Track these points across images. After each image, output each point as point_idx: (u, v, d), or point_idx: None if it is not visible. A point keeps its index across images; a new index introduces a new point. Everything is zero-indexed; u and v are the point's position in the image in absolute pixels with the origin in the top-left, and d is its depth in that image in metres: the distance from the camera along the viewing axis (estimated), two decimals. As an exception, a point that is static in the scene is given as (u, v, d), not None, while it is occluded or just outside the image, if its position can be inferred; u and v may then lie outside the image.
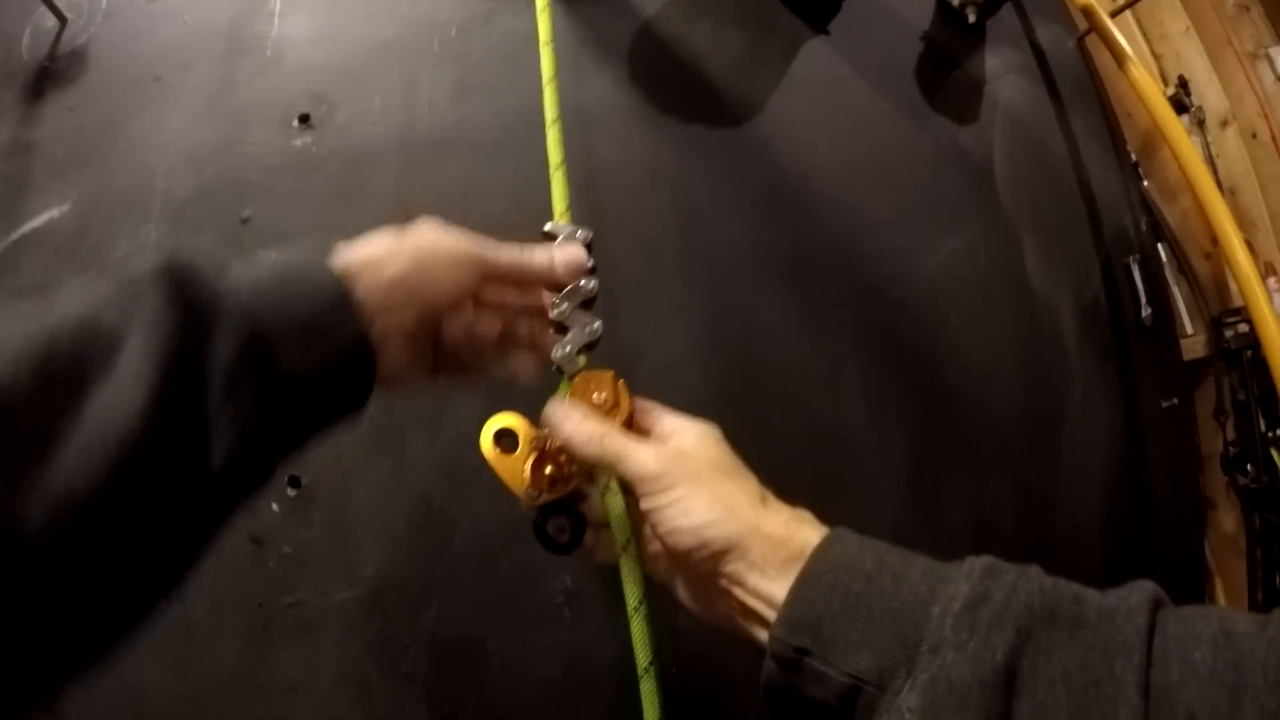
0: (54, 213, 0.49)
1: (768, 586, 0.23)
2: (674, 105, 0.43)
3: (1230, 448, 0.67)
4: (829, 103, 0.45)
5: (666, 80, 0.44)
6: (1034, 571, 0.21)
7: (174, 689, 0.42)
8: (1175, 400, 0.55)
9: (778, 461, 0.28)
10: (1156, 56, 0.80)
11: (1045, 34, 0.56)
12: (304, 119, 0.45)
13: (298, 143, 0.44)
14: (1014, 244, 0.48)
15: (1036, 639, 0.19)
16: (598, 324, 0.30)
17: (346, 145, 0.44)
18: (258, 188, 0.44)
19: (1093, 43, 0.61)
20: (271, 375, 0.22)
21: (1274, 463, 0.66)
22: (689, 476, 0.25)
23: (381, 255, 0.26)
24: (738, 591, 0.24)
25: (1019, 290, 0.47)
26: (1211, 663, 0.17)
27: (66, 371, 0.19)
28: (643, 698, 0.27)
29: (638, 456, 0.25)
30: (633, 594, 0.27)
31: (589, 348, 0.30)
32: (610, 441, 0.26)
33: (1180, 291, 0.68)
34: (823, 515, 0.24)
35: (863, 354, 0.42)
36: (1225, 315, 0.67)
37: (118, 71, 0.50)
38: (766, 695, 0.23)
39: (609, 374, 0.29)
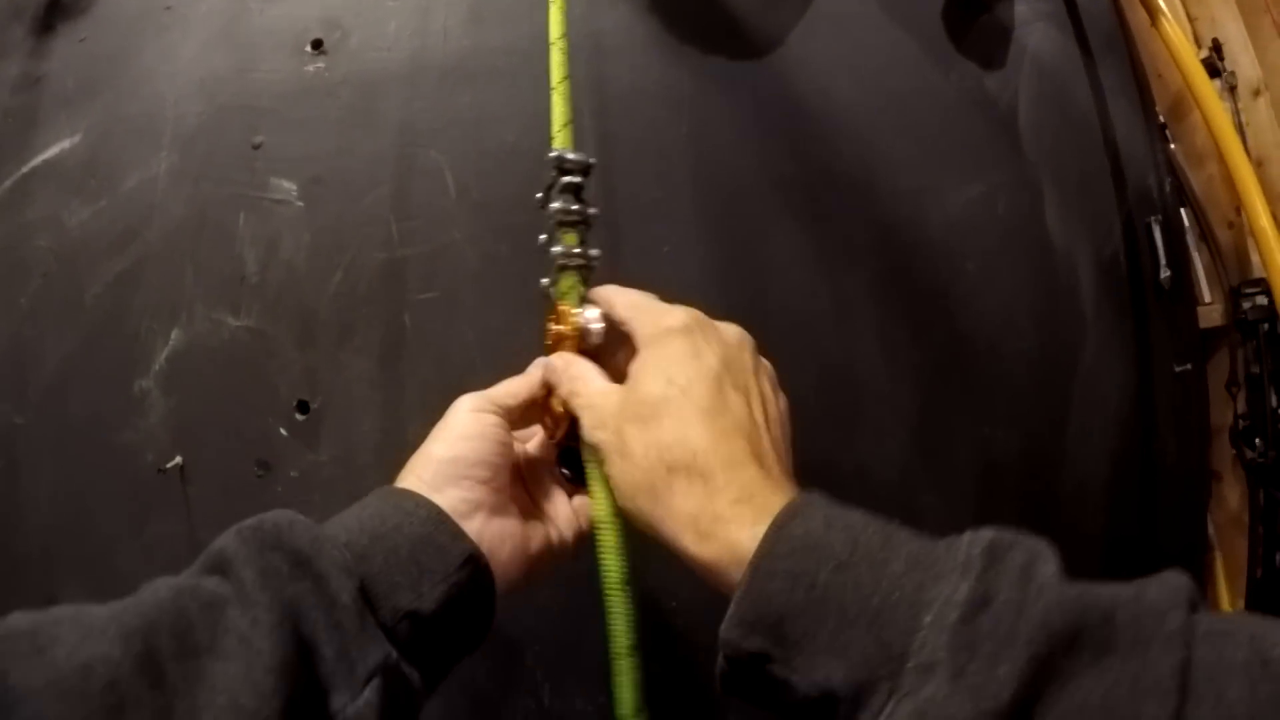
0: (65, 144, 0.49)
1: (708, 573, 0.21)
2: (694, 34, 0.42)
3: (1240, 420, 0.67)
4: (853, 39, 0.44)
5: (687, 8, 0.43)
6: (1046, 559, 0.17)
7: None
8: (1189, 366, 0.54)
9: (787, 397, 0.28)
10: (1191, 19, 0.78)
11: (1078, -16, 0.54)
12: (316, 45, 0.44)
13: (310, 69, 0.44)
14: (1035, 194, 0.47)
15: (1052, 667, 0.15)
16: (593, 251, 0.30)
17: (359, 71, 0.43)
18: (269, 114, 0.44)
19: (1126, -1, 0.59)
20: (390, 614, 0.21)
21: (1285, 439, 0.65)
22: (613, 450, 0.24)
23: (424, 453, 0.26)
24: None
25: (1038, 241, 0.46)
26: (1249, 701, 0.14)
27: (174, 647, 0.18)
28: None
29: (587, 415, 0.25)
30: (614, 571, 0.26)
31: (562, 269, 0.30)
32: (565, 377, 0.26)
33: (1200, 259, 0.67)
34: (831, 454, 0.23)
35: (876, 294, 0.42)
36: (1244, 286, 0.66)
37: (128, 1, 0.49)
38: (722, 687, 0.20)
39: (563, 306, 0.29)
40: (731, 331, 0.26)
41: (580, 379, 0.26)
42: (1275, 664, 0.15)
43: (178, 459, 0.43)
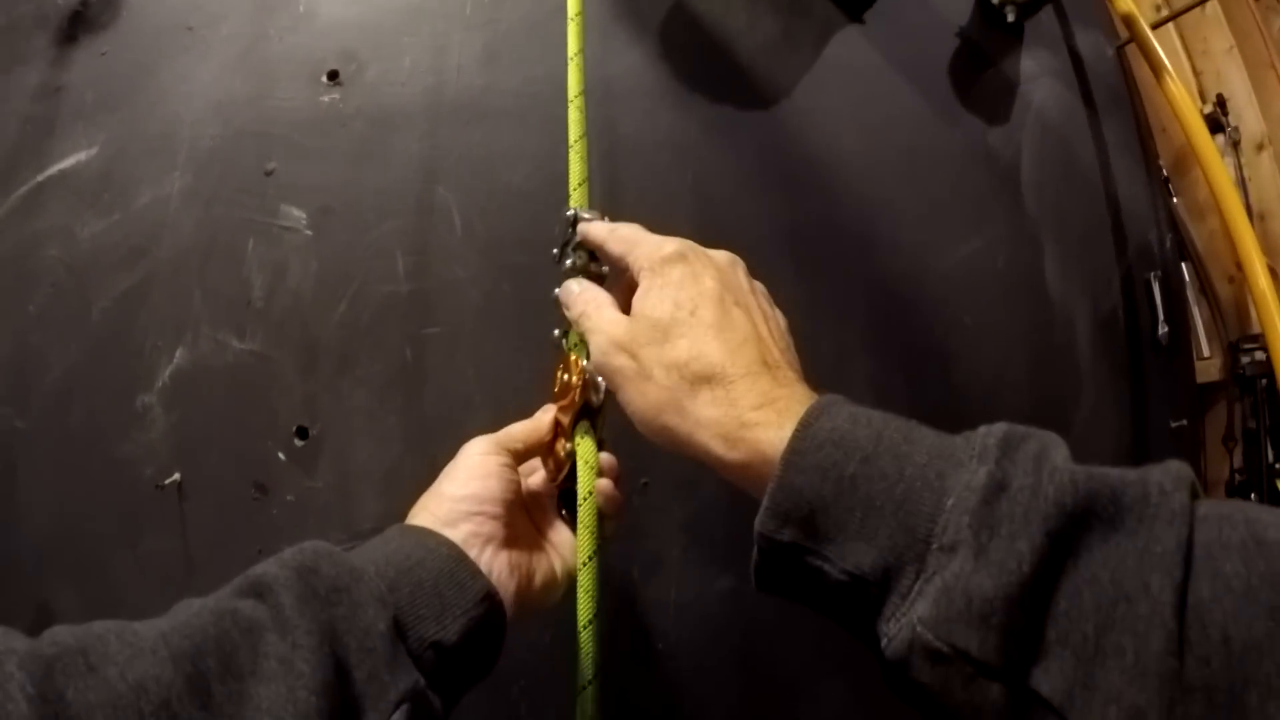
0: (81, 156, 0.50)
1: (737, 479, 0.21)
2: (702, 84, 0.43)
3: (1236, 475, 0.67)
4: (859, 92, 0.45)
5: (696, 59, 0.44)
6: (1057, 448, 0.18)
7: None
8: (1184, 422, 0.55)
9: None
10: (1197, 73, 0.79)
11: (1084, 40, 0.55)
12: (332, 76, 0.45)
13: (325, 99, 0.45)
14: (1035, 249, 0.47)
15: (1066, 543, 0.16)
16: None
17: (373, 104, 0.44)
18: (283, 141, 0.44)
19: (1132, 53, 0.60)
20: (417, 644, 0.22)
21: (1279, 493, 0.65)
22: (627, 377, 0.24)
23: (437, 492, 0.28)
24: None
25: (1036, 296, 0.47)
26: (1245, 576, 0.15)
27: (220, 670, 0.19)
28: (581, 650, 0.28)
29: (596, 348, 0.26)
30: (586, 546, 0.28)
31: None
32: (580, 304, 0.27)
33: (1200, 313, 0.67)
34: None
35: (873, 346, 0.42)
36: (1243, 341, 0.66)
37: (150, 19, 0.50)
38: (757, 581, 0.21)
39: (573, 357, 0.30)
40: (723, 255, 0.27)
41: (593, 303, 0.27)
42: (1269, 544, 0.16)
43: (176, 475, 0.43)
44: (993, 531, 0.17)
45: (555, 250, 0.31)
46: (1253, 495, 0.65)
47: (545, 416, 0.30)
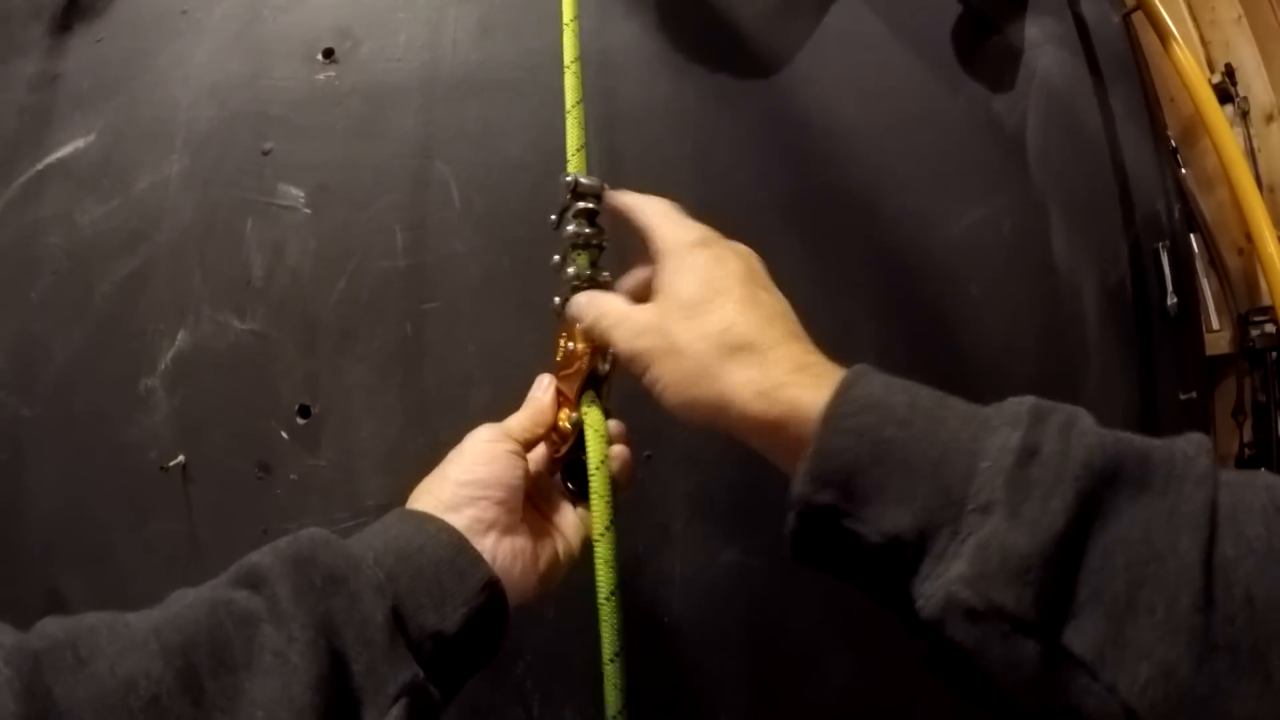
0: (79, 143, 0.50)
1: (768, 449, 0.22)
2: (701, 52, 0.42)
3: (1246, 449, 0.66)
4: (860, 60, 0.44)
5: (695, 27, 0.43)
6: (1084, 418, 0.18)
7: None
8: (1194, 394, 0.54)
9: None
10: (1205, 43, 0.77)
11: (1090, 7, 0.54)
12: (328, 53, 0.45)
13: (321, 77, 0.44)
14: (1041, 218, 0.47)
15: (1097, 502, 0.17)
16: (606, 274, 0.30)
17: (369, 81, 0.44)
18: (279, 121, 0.44)
19: (1139, 21, 0.59)
20: (417, 634, 0.22)
21: (1290, 468, 0.64)
22: (661, 353, 0.24)
23: (440, 475, 0.27)
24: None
25: (1042, 266, 0.46)
26: (1267, 539, 0.16)
27: (213, 664, 0.18)
28: (601, 624, 0.28)
29: (624, 337, 0.25)
30: (601, 517, 0.28)
31: (575, 289, 0.30)
32: (603, 325, 0.26)
33: (1210, 285, 0.66)
34: None
35: (877, 316, 0.42)
36: (1253, 313, 0.65)
37: (145, 4, 0.50)
38: (793, 549, 0.21)
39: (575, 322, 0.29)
40: (742, 247, 0.28)
41: (606, 302, 0.27)
42: None
43: (180, 458, 0.43)
44: (1026, 492, 0.17)
45: (554, 217, 0.31)
46: (1263, 469, 0.64)
47: (546, 397, 0.30)
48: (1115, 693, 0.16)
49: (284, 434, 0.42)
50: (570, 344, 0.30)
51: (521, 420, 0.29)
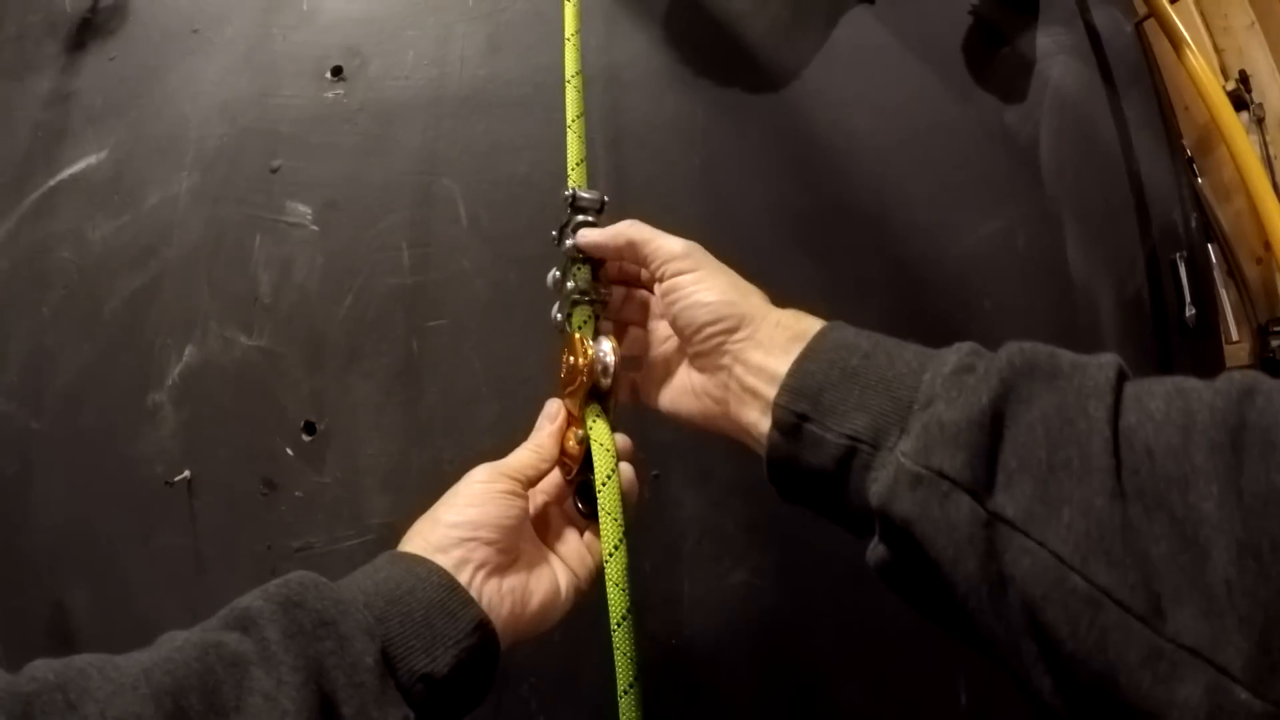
0: (91, 159, 0.50)
1: (770, 363, 0.25)
2: (710, 68, 0.42)
3: (1269, 463, 0.64)
4: (870, 73, 0.44)
5: (703, 42, 0.43)
6: (1014, 343, 0.22)
7: (181, 624, 0.43)
8: (1215, 407, 0.52)
9: None
10: (1218, 50, 0.76)
11: (1101, 16, 0.54)
12: (336, 71, 0.45)
13: (329, 95, 0.45)
14: (1056, 229, 0.46)
15: (1018, 388, 0.20)
16: (605, 290, 0.30)
17: (377, 98, 0.44)
18: (288, 139, 0.44)
19: (1151, 29, 0.58)
20: (407, 677, 0.22)
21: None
22: (708, 262, 0.28)
23: (432, 518, 0.27)
24: (739, 369, 0.26)
25: (1058, 277, 0.45)
26: (1165, 410, 0.18)
27: (203, 707, 0.19)
28: (616, 656, 0.27)
29: (665, 239, 0.28)
30: (613, 533, 0.27)
31: (575, 304, 0.30)
32: (636, 229, 0.29)
33: (1228, 296, 0.65)
34: None
35: (892, 330, 0.40)
36: (1273, 324, 0.64)
37: (156, 23, 0.51)
38: (769, 468, 0.24)
39: (579, 338, 0.30)
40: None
41: (648, 229, 0.29)
42: (1187, 390, 0.19)
43: (186, 473, 0.43)
44: (960, 389, 0.20)
45: (554, 232, 0.31)
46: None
47: (545, 433, 0.30)
48: (1044, 545, 0.17)
49: (289, 450, 0.41)
50: (572, 359, 0.29)
51: (522, 458, 0.29)
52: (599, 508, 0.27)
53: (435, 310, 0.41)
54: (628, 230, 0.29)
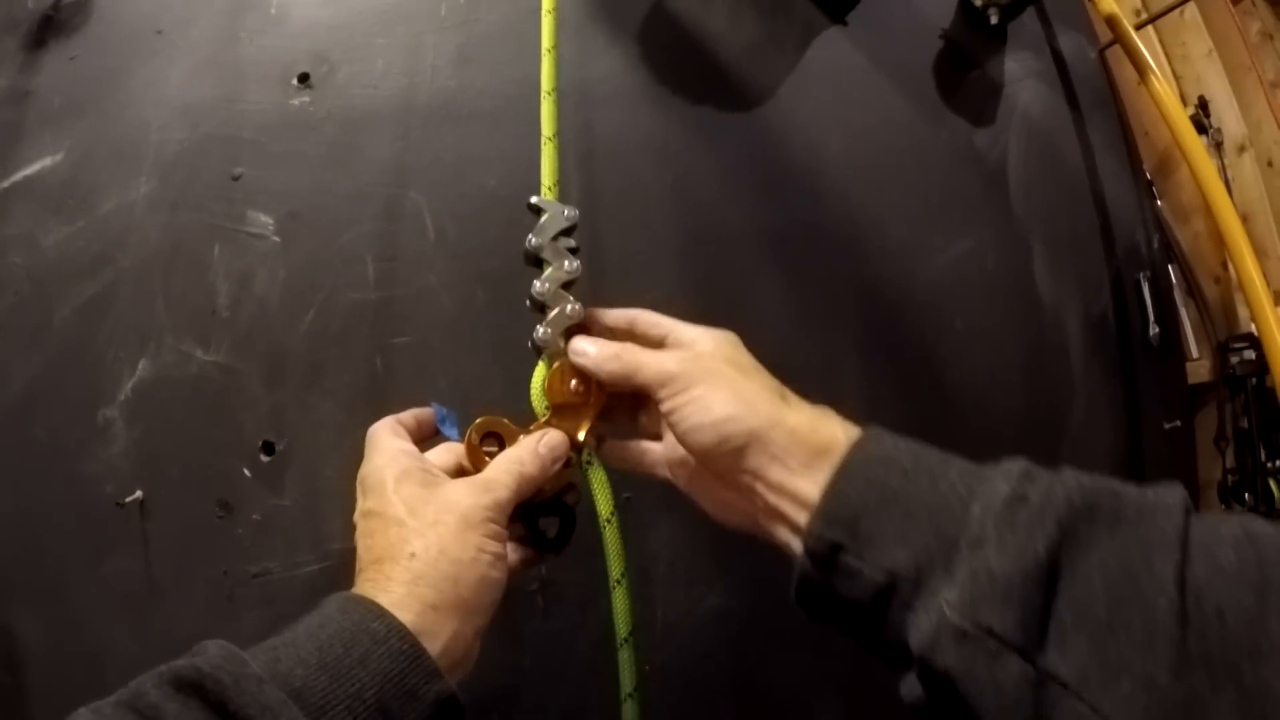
0: (46, 161, 0.48)
1: (792, 482, 0.23)
2: (683, 86, 0.42)
3: (1229, 476, 0.66)
4: (842, 94, 0.44)
5: (677, 60, 0.43)
6: (1070, 471, 0.20)
7: (133, 652, 0.41)
8: (1178, 422, 0.54)
9: None
10: (1177, 77, 0.79)
11: (1067, 42, 0.55)
12: (303, 78, 0.44)
13: (295, 102, 0.43)
14: (1024, 251, 0.47)
15: (1076, 534, 0.18)
16: (579, 307, 0.30)
17: (344, 107, 0.43)
18: (251, 145, 0.43)
19: (1113, 56, 0.60)
20: None
21: (1272, 493, 0.65)
22: (707, 375, 0.25)
23: (429, 586, 0.23)
24: (760, 488, 0.23)
25: (1027, 299, 0.46)
26: (1237, 563, 0.17)
27: None
28: (620, 667, 0.27)
29: (655, 360, 0.26)
30: (615, 567, 0.28)
31: (570, 331, 0.30)
32: (629, 354, 0.27)
33: (1188, 315, 0.67)
34: None
35: (862, 351, 0.41)
36: (1232, 341, 0.66)
37: (120, 23, 0.49)
38: (798, 594, 0.22)
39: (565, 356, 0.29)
40: (726, 335, 0.29)
41: (638, 350, 0.27)
42: (1259, 536, 0.18)
43: (138, 493, 0.41)
44: (1013, 528, 0.19)
45: (534, 242, 0.30)
46: (1246, 495, 0.65)
47: (550, 453, 0.28)
48: (1098, 711, 0.16)
49: (246, 471, 0.40)
50: (576, 383, 0.29)
51: (511, 485, 0.26)
52: (605, 543, 0.27)
53: (400, 326, 0.40)
54: (614, 363, 0.26)
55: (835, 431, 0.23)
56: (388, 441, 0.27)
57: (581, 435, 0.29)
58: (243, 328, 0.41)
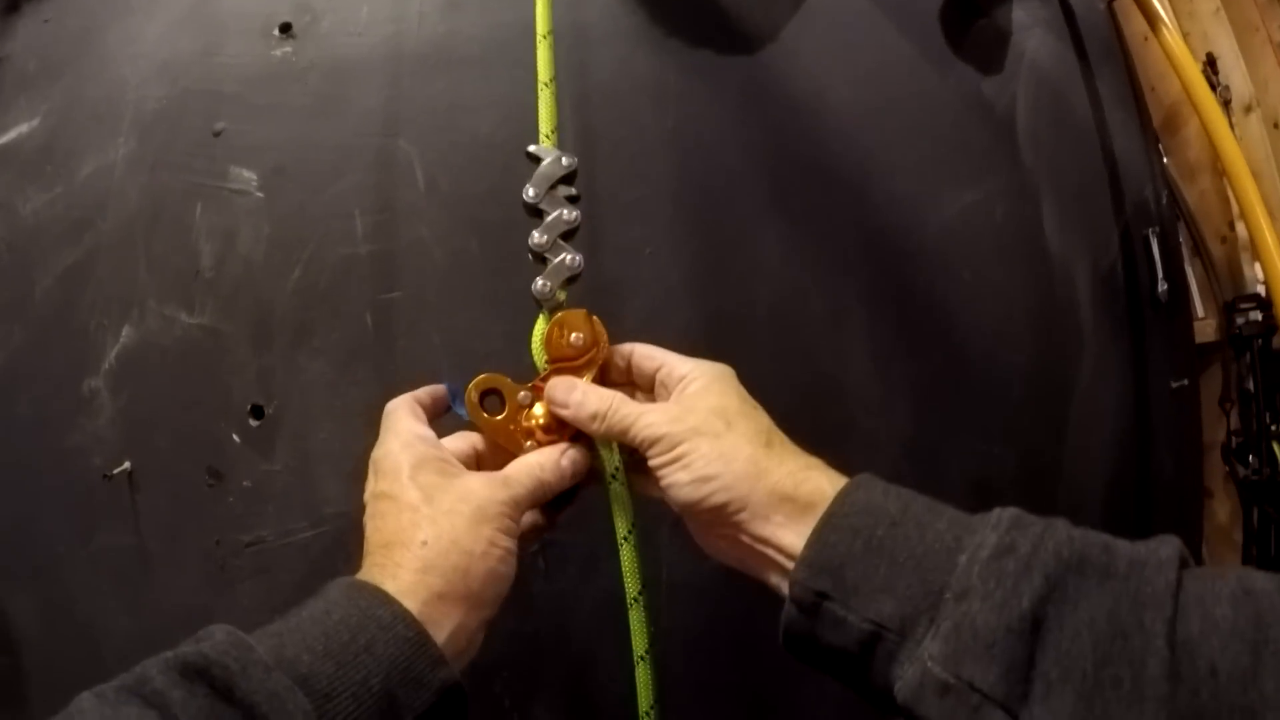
0: (23, 128, 0.46)
1: (776, 535, 0.23)
2: (682, 28, 0.41)
3: (1233, 437, 0.66)
4: (848, 38, 0.43)
5: (676, 0, 0.41)
6: (1061, 523, 0.20)
7: (127, 627, 0.40)
8: (1185, 381, 0.53)
9: (773, 408, 0.27)
10: (1184, 35, 0.78)
11: (1075, -8, 0.53)
12: (285, 28, 0.42)
13: (277, 53, 0.42)
14: (1033, 203, 0.45)
15: (1064, 587, 0.18)
16: (578, 258, 0.29)
17: (328, 56, 0.41)
18: (232, 100, 0.42)
19: (1121, 9, 0.58)
20: None
21: (1276, 457, 0.64)
22: (692, 433, 0.24)
23: (439, 575, 0.23)
24: (746, 539, 0.24)
25: (1036, 251, 0.45)
26: (1232, 619, 0.17)
27: None
28: (631, 626, 0.27)
29: (643, 422, 0.25)
30: (622, 524, 0.27)
31: (569, 281, 0.29)
32: (615, 417, 0.26)
33: (1194, 273, 0.66)
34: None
35: (868, 301, 0.40)
36: (1239, 301, 0.65)
37: (95, -20, 0.47)
38: (785, 640, 0.23)
39: (583, 312, 0.28)
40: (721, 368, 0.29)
41: (614, 396, 0.27)
42: (1257, 593, 0.17)
43: (126, 464, 0.40)
44: (999, 580, 0.19)
45: (533, 194, 0.29)
46: (1251, 457, 0.64)
47: (567, 463, 0.27)
48: None
49: (236, 437, 0.39)
50: (576, 336, 0.28)
51: (531, 485, 0.26)
52: (612, 497, 0.27)
53: (391, 281, 0.39)
54: (597, 424, 0.26)
55: (821, 485, 0.23)
56: (405, 424, 0.27)
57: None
58: (228, 288, 0.40)
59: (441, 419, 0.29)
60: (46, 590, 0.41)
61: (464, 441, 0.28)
